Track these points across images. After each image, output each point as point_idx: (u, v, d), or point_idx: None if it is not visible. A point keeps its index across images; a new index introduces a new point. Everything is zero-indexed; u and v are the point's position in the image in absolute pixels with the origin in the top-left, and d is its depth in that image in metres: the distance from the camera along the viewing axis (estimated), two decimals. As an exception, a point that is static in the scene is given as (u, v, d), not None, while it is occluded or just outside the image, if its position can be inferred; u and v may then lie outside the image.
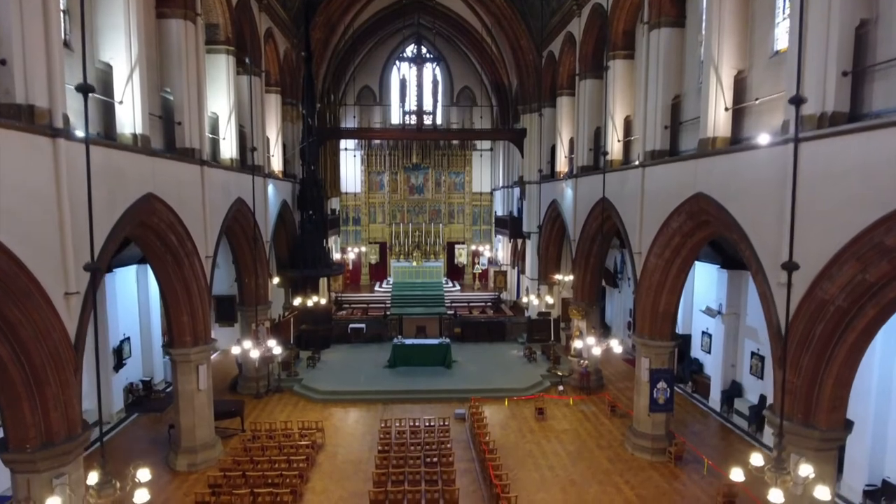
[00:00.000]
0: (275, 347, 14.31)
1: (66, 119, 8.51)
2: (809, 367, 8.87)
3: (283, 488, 12.31)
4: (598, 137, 19.51)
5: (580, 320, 20.02)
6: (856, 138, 7.88)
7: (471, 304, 32.74)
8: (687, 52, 14.22)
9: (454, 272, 38.56)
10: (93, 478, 5.86)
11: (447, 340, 22.80)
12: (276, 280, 22.62)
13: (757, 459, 6.54)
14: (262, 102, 19.73)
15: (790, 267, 6.51)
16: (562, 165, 23.22)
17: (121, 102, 10.93)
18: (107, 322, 16.74)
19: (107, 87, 11.01)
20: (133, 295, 19.30)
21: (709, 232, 12.58)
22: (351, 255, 36.79)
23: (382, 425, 16.04)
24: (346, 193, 37.09)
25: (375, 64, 37.32)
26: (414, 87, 34.61)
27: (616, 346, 13.57)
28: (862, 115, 8.41)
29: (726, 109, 11.63)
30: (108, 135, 11.01)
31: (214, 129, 16.50)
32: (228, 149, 16.82)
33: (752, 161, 10.26)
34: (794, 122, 7.15)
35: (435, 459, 13.96)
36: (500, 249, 37.75)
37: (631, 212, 15.36)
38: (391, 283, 35.95)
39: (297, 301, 21.93)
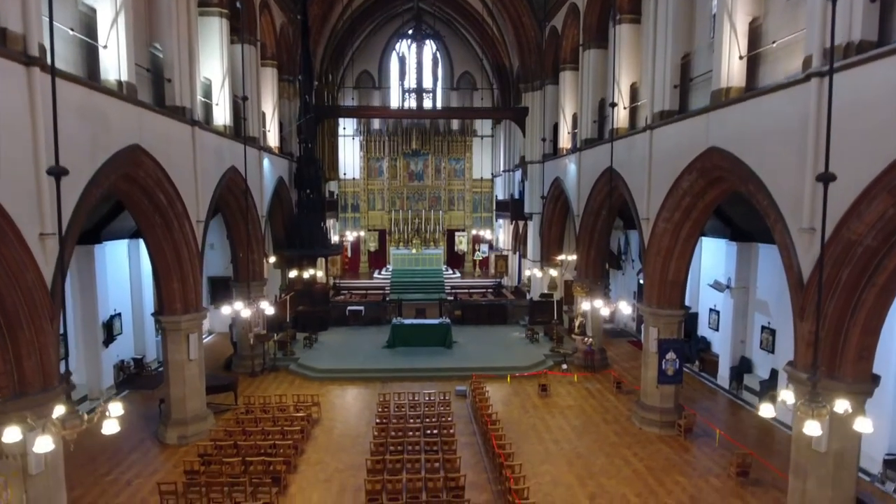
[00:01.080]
0: (267, 308, 13.75)
1: (42, 49, 7.96)
2: (835, 315, 8.36)
3: (276, 457, 11.76)
4: (603, 108, 19.00)
5: (584, 297, 19.44)
6: (885, 64, 7.34)
7: (471, 291, 32.19)
8: (697, 7, 13.67)
9: (454, 260, 37.99)
10: (58, 410, 5.31)
11: (447, 320, 22.25)
12: (272, 259, 22.07)
13: (788, 396, 6.00)
14: (258, 72, 19.19)
15: (826, 178, 5.95)
16: (565, 142, 22.68)
17: (105, 47, 10.39)
18: (96, 294, 16.20)
19: (91, 31, 10.47)
20: (124, 270, 18.76)
21: (721, 190, 12.04)
22: (349, 237, 36.21)
23: (381, 399, 15.50)
24: (345, 180, 36.56)
25: (374, 48, 36.76)
26: (414, 64, 34.05)
27: (625, 308, 13.01)
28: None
29: (741, 58, 11.10)
30: (91, 79, 10.44)
31: (207, 95, 15.97)
32: (222, 115, 16.27)
33: (771, 105, 9.73)
34: (827, 31, 6.60)
35: (435, 431, 13.42)
36: (502, 233, 37.22)
37: (638, 177, 14.83)
38: (390, 270, 35.41)
39: (292, 273, 21.34)
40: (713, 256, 18.99)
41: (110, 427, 5.44)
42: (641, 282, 22.00)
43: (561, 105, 22.87)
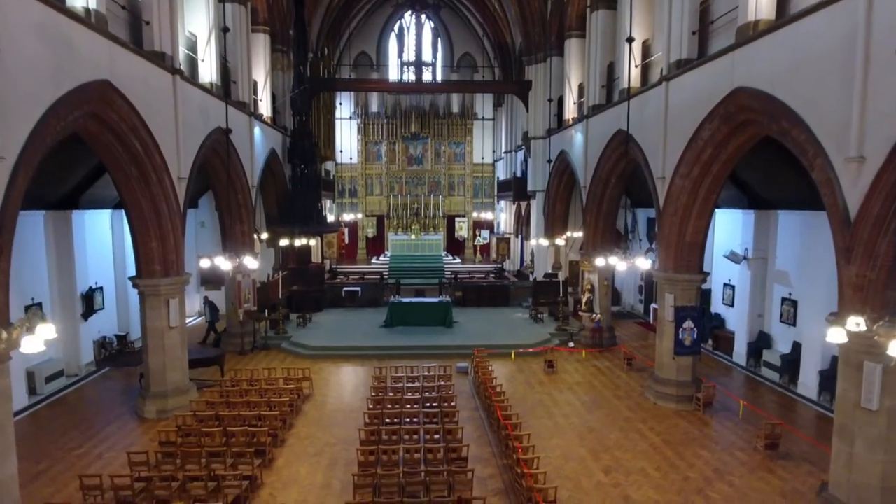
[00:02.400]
0: (251, 263, 12.75)
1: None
2: (888, 254, 7.38)
3: (261, 428, 10.75)
4: (612, 72, 18.03)
5: (591, 273, 18.48)
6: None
7: (472, 275, 31.16)
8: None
9: (455, 246, 37.00)
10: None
11: (447, 298, 21.27)
12: (264, 235, 21.06)
13: (857, 322, 5.02)
14: (248, 34, 18.19)
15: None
16: (570, 113, 21.73)
17: (70, -31, 9.40)
18: (74, 262, 15.25)
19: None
20: (107, 242, 17.74)
21: (747, 136, 11.03)
22: (346, 218, 35.23)
23: (377, 372, 14.51)
24: (343, 164, 35.60)
25: (372, 29, 35.81)
26: (413, 39, 33.07)
27: (643, 264, 12.01)
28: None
29: (770, -12, 10.14)
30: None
31: (192, 50, 14.99)
32: (208, 73, 15.29)
33: (808, 28, 8.75)
34: None
35: (435, 404, 12.42)
36: (503, 216, 36.25)
37: (652, 135, 13.84)
38: (388, 256, 34.42)
39: (283, 242, 20.36)
40: (727, 229, 17.98)
41: (32, 345, 4.46)
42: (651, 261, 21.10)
43: (566, 75, 21.90)
